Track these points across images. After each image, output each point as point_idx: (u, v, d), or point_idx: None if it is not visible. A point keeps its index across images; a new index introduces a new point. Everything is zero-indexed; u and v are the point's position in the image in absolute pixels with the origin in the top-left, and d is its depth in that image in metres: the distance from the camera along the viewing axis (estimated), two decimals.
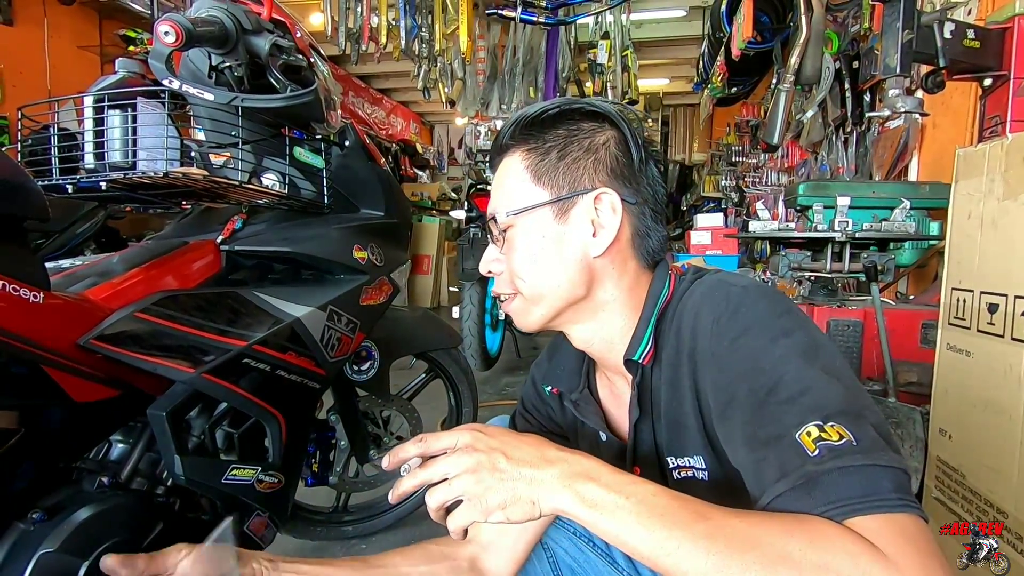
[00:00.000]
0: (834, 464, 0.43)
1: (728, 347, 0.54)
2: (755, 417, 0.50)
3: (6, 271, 0.63)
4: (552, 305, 0.64)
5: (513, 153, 0.64)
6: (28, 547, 0.66)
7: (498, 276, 0.67)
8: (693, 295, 0.62)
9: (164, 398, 0.82)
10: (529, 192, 0.63)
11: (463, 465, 0.50)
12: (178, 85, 0.76)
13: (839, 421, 0.45)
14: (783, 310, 0.55)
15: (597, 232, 0.62)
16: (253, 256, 1.01)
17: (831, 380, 0.49)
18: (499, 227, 0.64)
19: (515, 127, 0.64)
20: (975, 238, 1.10)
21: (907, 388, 1.56)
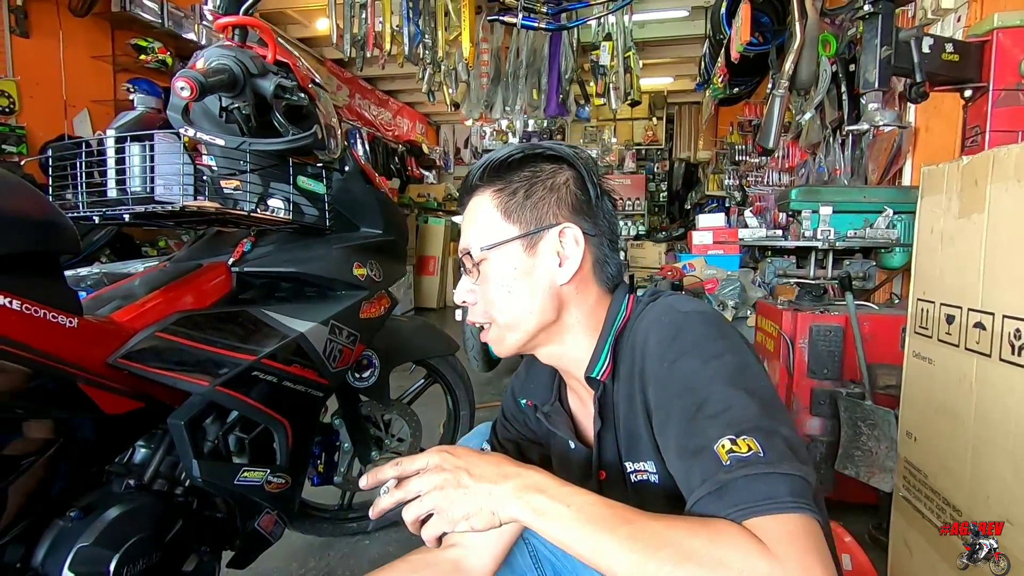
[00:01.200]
0: (741, 472, 0.52)
1: (668, 368, 0.62)
2: (685, 431, 0.58)
3: (45, 300, 0.73)
4: (526, 330, 0.71)
5: (482, 193, 0.71)
6: (67, 541, 0.75)
7: (472, 306, 0.73)
8: (646, 317, 0.69)
9: (182, 408, 0.91)
10: (500, 228, 0.69)
11: (432, 483, 0.58)
12: (193, 133, 0.85)
13: (751, 435, 0.53)
14: (717, 335, 0.63)
15: (563, 262, 0.69)
16: (261, 276, 1.10)
17: (751, 399, 0.57)
18: (473, 260, 0.71)
19: (483, 170, 0.71)
20: (936, 252, 1.17)
21: (885, 391, 1.62)
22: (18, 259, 0.71)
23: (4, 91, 3.75)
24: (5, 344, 0.66)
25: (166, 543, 0.86)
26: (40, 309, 0.71)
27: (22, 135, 3.85)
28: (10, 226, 0.69)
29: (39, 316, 0.71)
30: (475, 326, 0.76)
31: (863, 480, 1.54)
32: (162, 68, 4.57)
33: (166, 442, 0.97)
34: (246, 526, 1.04)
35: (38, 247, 0.73)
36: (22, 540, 0.75)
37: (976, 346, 1.01)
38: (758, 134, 3.34)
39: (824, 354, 1.71)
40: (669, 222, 9.01)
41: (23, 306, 0.69)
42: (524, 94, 5.51)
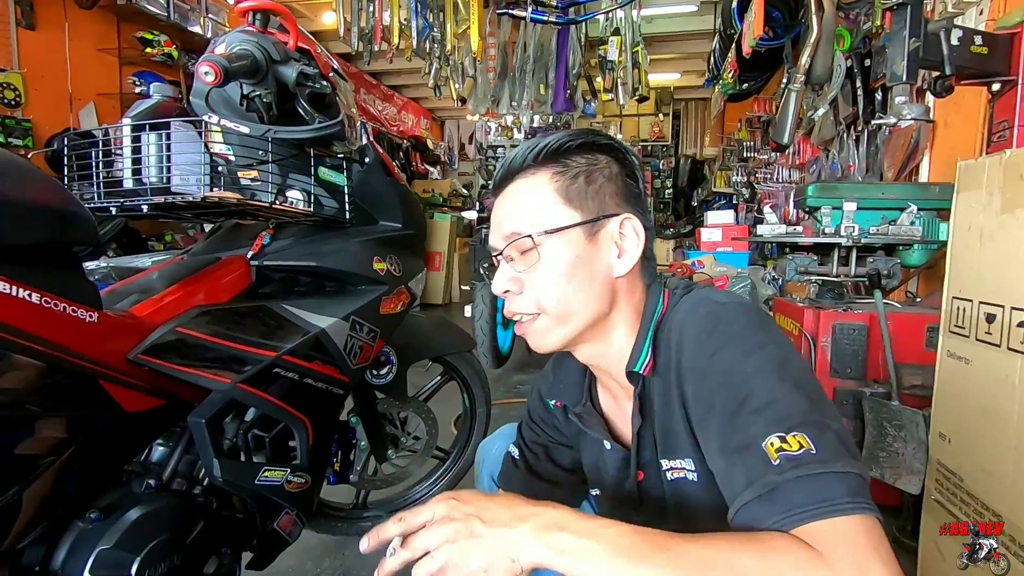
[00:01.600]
0: (793, 474, 0.48)
1: (707, 361, 0.59)
2: (727, 426, 0.55)
3: (65, 294, 0.70)
4: (580, 322, 0.67)
5: (535, 175, 0.67)
6: (87, 544, 0.73)
7: (515, 296, 0.68)
8: (681, 309, 0.67)
9: (203, 406, 0.88)
10: (560, 213, 0.66)
11: (442, 536, 0.51)
12: (217, 120, 0.82)
13: (801, 431, 0.50)
14: (758, 325, 0.60)
15: (622, 254, 0.67)
16: (281, 270, 1.07)
17: (797, 392, 0.54)
18: (523, 247, 0.66)
19: (537, 152, 0.67)
20: (975, 249, 1.13)
21: (911, 391, 1.59)
22: (37, 250, 0.68)
23: (10, 84, 3.72)
24: (25, 339, 0.63)
25: (187, 545, 0.83)
26: (60, 303, 0.68)
27: (28, 128, 3.83)
28: (30, 216, 0.66)
29: (59, 310, 0.68)
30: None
31: (888, 482, 1.50)
32: (168, 61, 4.54)
33: (184, 440, 0.94)
34: (265, 526, 1.02)
35: (57, 238, 0.70)
36: (42, 542, 0.72)
37: (1021, 346, 0.98)
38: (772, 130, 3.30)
39: (848, 353, 1.68)
40: (674, 219, 8.97)
41: (43, 299, 0.66)
42: (531, 89, 5.47)
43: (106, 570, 0.72)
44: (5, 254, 0.64)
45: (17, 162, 0.66)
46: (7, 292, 0.63)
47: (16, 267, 0.65)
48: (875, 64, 3.04)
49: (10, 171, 0.64)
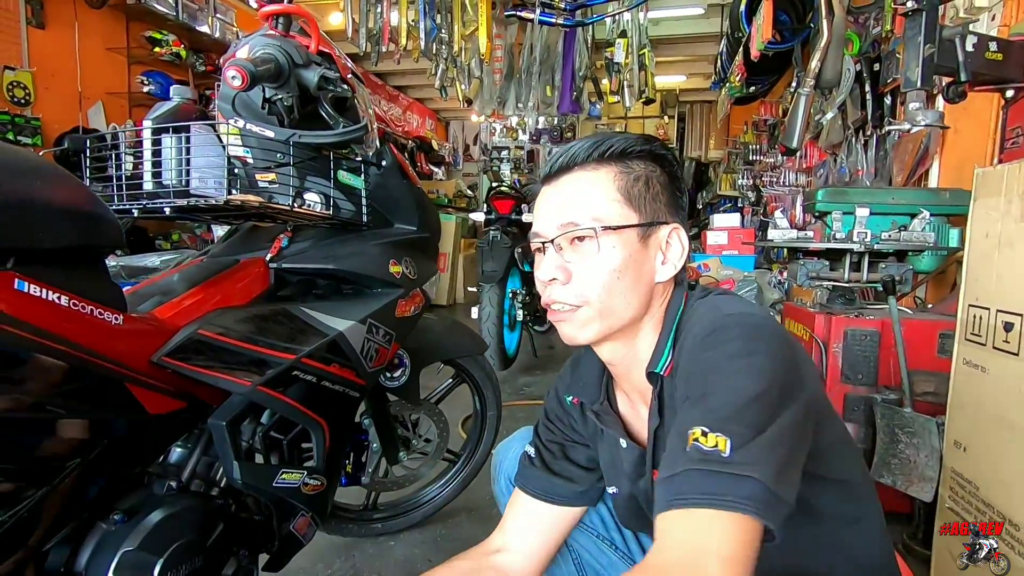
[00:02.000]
0: (694, 464, 0.52)
1: (700, 361, 0.61)
2: (684, 414, 0.58)
3: (91, 296, 0.70)
4: (620, 320, 0.68)
5: (598, 170, 0.68)
6: (112, 545, 0.73)
7: (560, 285, 0.68)
8: (695, 313, 0.69)
9: (222, 409, 0.88)
10: (622, 211, 0.67)
11: None
12: (243, 124, 0.82)
13: (726, 433, 0.52)
14: (752, 336, 0.60)
15: (666, 261, 0.69)
16: (299, 273, 1.07)
17: (756, 400, 0.55)
18: (578, 236, 0.67)
19: (603, 150, 0.68)
20: (992, 257, 1.13)
21: (923, 398, 1.58)
22: (65, 253, 0.68)
23: (20, 82, 3.74)
24: (55, 341, 0.64)
25: (208, 547, 0.83)
26: (87, 305, 0.69)
27: (37, 126, 3.84)
28: (58, 218, 0.66)
29: (86, 312, 0.68)
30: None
31: (900, 489, 1.50)
32: (176, 61, 4.55)
33: (202, 442, 0.95)
34: (282, 528, 1.02)
35: (85, 241, 0.71)
36: (66, 544, 0.73)
37: None
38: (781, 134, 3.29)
39: (859, 359, 1.67)
40: None
41: (71, 302, 0.67)
42: (537, 91, 5.47)
43: (130, 572, 0.73)
44: (35, 257, 0.64)
45: (45, 165, 0.66)
46: (37, 295, 0.63)
47: (45, 270, 0.65)
48: (884, 68, 3.04)
49: (39, 174, 0.65)
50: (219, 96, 0.82)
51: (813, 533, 0.66)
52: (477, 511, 1.76)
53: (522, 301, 3.40)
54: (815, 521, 0.66)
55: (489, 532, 1.70)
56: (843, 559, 0.68)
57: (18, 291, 0.61)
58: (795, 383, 0.59)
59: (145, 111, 4.65)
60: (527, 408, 2.82)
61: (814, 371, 0.67)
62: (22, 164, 0.63)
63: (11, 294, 0.61)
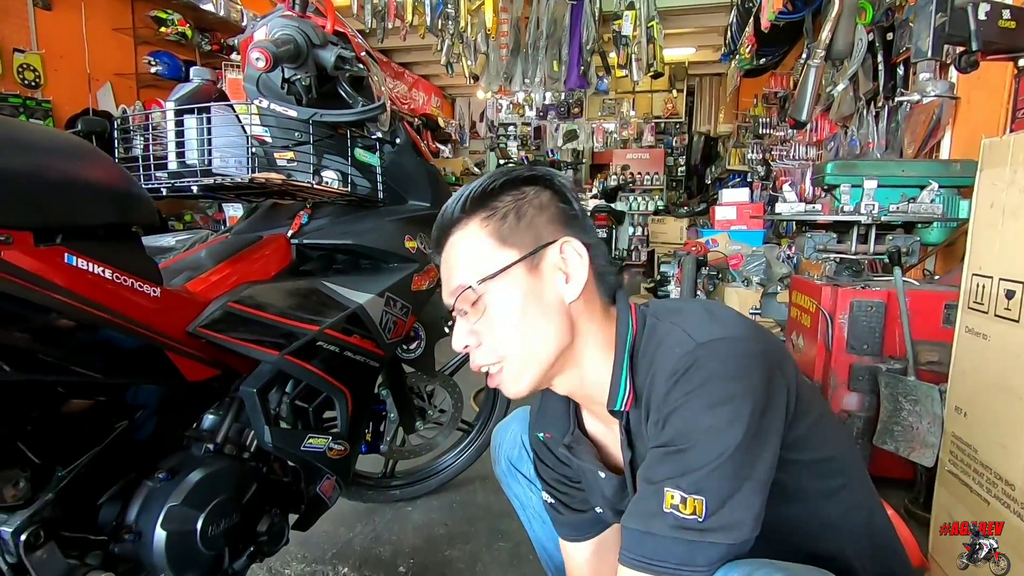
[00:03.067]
0: (666, 530, 0.56)
1: (676, 408, 0.59)
2: (660, 463, 0.59)
3: (131, 270, 0.74)
4: (545, 359, 0.66)
5: (467, 225, 0.66)
6: (158, 501, 0.79)
7: (476, 349, 0.67)
8: (657, 340, 0.65)
9: (253, 377, 0.93)
10: (498, 256, 0.64)
11: None
12: (266, 104, 0.85)
13: (707, 495, 0.56)
14: (727, 374, 0.59)
15: (569, 279, 0.66)
16: (319, 248, 1.11)
17: (730, 459, 0.56)
18: (470, 299, 0.65)
19: (463, 202, 0.66)
20: (996, 226, 1.15)
21: (927, 367, 1.62)
22: (106, 229, 0.73)
23: (30, 65, 3.76)
24: (101, 311, 0.68)
25: (243, 505, 0.89)
26: (128, 279, 0.73)
27: (48, 109, 3.87)
28: (100, 197, 0.70)
29: (128, 285, 0.73)
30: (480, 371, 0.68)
31: (903, 455, 1.54)
32: (182, 41, 4.54)
33: (234, 408, 1.00)
34: (309, 491, 1.08)
35: (123, 218, 0.75)
36: (116, 499, 0.79)
37: None
38: (790, 106, 3.26)
39: (865, 330, 1.70)
40: (687, 197, 8.91)
41: (114, 275, 0.71)
42: (544, 66, 5.42)
43: (175, 524, 0.78)
44: (80, 233, 0.69)
45: (87, 147, 0.70)
46: (85, 268, 0.67)
47: (90, 245, 0.69)
48: (898, 38, 2.99)
49: (82, 156, 0.69)
50: (245, 78, 0.85)
51: (793, 512, 0.66)
52: (491, 479, 1.81)
53: None
54: (795, 501, 0.66)
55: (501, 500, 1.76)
56: (825, 529, 0.68)
57: (68, 265, 0.66)
58: (772, 413, 0.59)
59: (153, 92, 4.63)
60: None
61: (790, 368, 0.64)
62: (67, 147, 0.67)
63: (62, 267, 0.65)
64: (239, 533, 0.90)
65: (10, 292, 0.61)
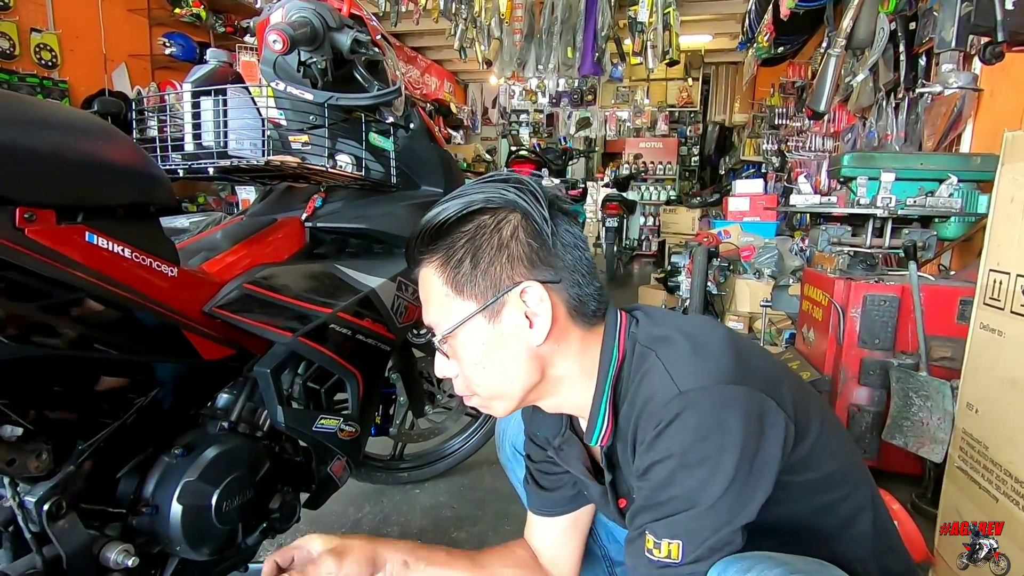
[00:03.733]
0: (645, 570, 0.61)
1: (649, 464, 0.60)
2: (640, 515, 0.62)
3: (150, 250, 0.76)
4: (513, 397, 0.67)
5: (428, 266, 0.65)
6: (175, 476, 0.81)
7: (454, 379, 0.68)
8: (642, 382, 0.63)
9: (267, 357, 0.95)
10: (455, 307, 0.63)
11: None
12: (283, 87, 0.85)
13: (680, 539, 0.59)
14: (711, 429, 0.58)
15: (533, 323, 0.63)
16: (333, 232, 1.12)
17: (711, 509, 0.58)
18: (438, 340, 0.66)
19: (423, 238, 0.64)
20: (1016, 222, 1.13)
21: (939, 363, 1.60)
22: (125, 209, 0.74)
23: (47, 44, 3.78)
24: (121, 289, 0.70)
25: (257, 482, 0.91)
26: (147, 258, 0.74)
27: (64, 89, 3.90)
28: (120, 177, 0.71)
29: (146, 264, 0.74)
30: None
31: (911, 450, 1.54)
32: (196, 22, 4.54)
33: (247, 388, 1.02)
34: (320, 471, 1.10)
35: (142, 199, 0.76)
36: (134, 473, 0.80)
37: None
38: (809, 96, 3.21)
39: (877, 324, 1.69)
40: (700, 187, 8.83)
41: (133, 254, 0.72)
42: (558, 52, 5.36)
43: (191, 499, 0.80)
44: (100, 213, 0.70)
45: (108, 127, 0.71)
46: (105, 247, 0.69)
47: (110, 224, 0.70)
48: (920, 28, 2.92)
49: (103, 136, 0.69)
50: (263, 60, 0.85)
51: (792, 531, 0.67)
52: (498, 463, 1.83)
53: None
54: (795, 520, 0.67)
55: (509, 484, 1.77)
56: (827, 541, 0.68)
57: (88, 243, 0.67)
58: (760, 460, 0.58)
59: (167, 73, 4.66)
60: None
61: (785, 393, 0.62)
62: (89, 126, 0.68)
63: (83, 245, 0.66)
64: (252, 509, 0.92)
65: (33, 269, 0.62)
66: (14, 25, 3.62)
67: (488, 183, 0.65)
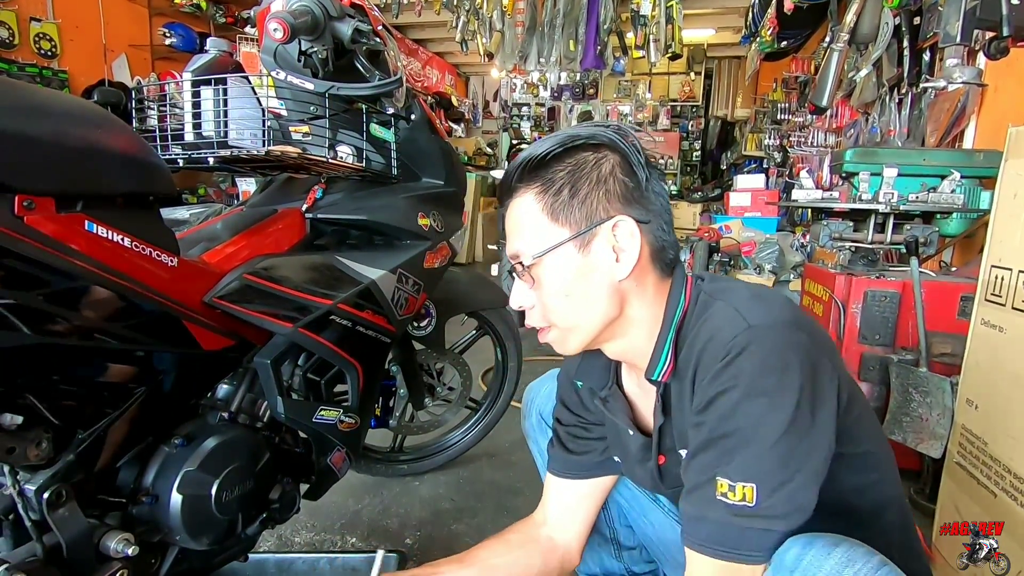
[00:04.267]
0: (722, 516, 0.58)
1: (714, 395, 0.61)
2: (702, 450, 0.61)
3: (149, 239, 0.75)
4: (589, 331, 0.69)
5: (524, 195, 0.67)
6: (175, 465, 0.81)
7: (529, 310, 0.70)
8: (711, 317, 0.65)
9: (267, 348, 0.95)
10: (549, 232, 0.66)
11: None
12: (284, 76, 0.85)
13: (753, 482, 0.57)
14: (775, 366, 0.59)
15: (619, 257, 0.66)
16: (333, 223, 1.12)
17: (775, 447, 0.57)
18: (524, 267, 0.68)
19: (523, 168, 0.67)
20: (1019, 217, 1.13)
21: (940, 359, 1.60)
22: (125, 198, 0.73)
23: (46, 34, 3.76)
24: (120, 278, 0.69)
25: (256, 472, 0.91)
26: (146, 247, 0.74)
27: (64, 79, 3.88)
28: (120, 166, 0.71)
29: (146, 254, 0.74)
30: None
31: (910, 446, 1.54)
32: (196, 12, 4.52)
33: (247, 379, 1.01)
34: (320, 462, 1.10)
35: (141, 188, 0.75)
36: (134, 463, 0.81)
37: None
38: (811, 91, 3.19)
39: (878, 320, 1.69)
40: (701, 182, 8.80)
41: (133, 243, 0.72)
42: (560, 45, 5.34)
43: (191, 488, 0.81)
44: (100, 201, 0.69)
45: (108, 115, 0.70)
46: (105, 236, 0.68)
47: (109, 213, 0.70)
48: (925, 23, 2.90)
49: (102, 124, 0.69)
50: (263, 49, 0.84)
51: (827, 507, 0.65)
52: (497, 456, 1.85)
53: None
54: (829, 495, 0.65)
55: (508, 477, 1.78)
56: (856, 527, 0.68)
57: (88, 232, 0.67)
58: (821, 405, 0.59)
59: (167, 64, 4.64)
60: (546, 363, 2.89)
61: (836, 358, 0.65)
62: (89, 115, 0.68)
63: (83, 234, 0.66)
64: (252, 500, 0.92)
65: (32, 257, 0.62)
66: (13, 14, 3.60)
67: (592, 126, 0.68)
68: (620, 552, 1.02)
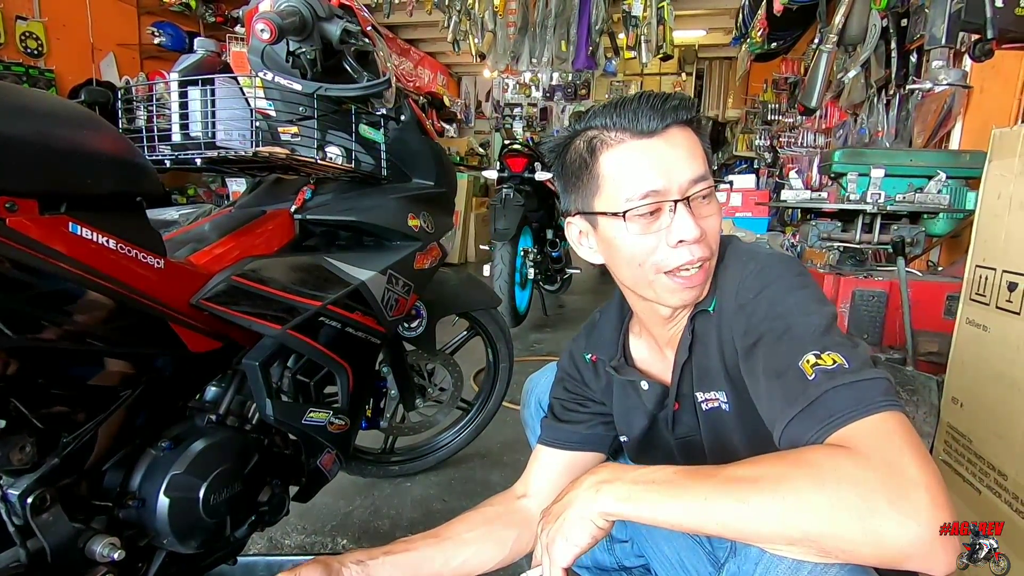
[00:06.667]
0: (829, 384, 0.55)
1: (753, 299, 0.67)
2: (773, 352, 0.61)
3: (135, 241, 0.75)
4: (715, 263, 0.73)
5: (690, 131, 0.71)
6: (162, 469, 0.80)
7: (700, 242, 0.68)
8: (728, 257, 0.73)
9: (255, 350, 0.94)
10: (708, 169, 0.72)
11: (544, 539, 0.62)
12: (271, 77, 0.84)
13: (834, 350, 0.57)
14: (797, 271, 0.68)
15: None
16: (322, 224, 1.11)
17: (831, 323, 0.62)
18: (707, 192, 0.69)
19: (690, 108, 0.71)
20: (1003, 218, 1.14)
21: (926, 357, 1.62)
22: (110, 200, 0.73)
23: (32, 33, 3.72)
24: (105, 281, 0.69)
25: (245, 475, 0.91)
26: (132, 249, 0.73)
27: (51, 79, 3.84)
28: (105, 166, 0.70)
29: (132, 256, 0.73)
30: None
31: None
32: (186, 11, 4.49)
33: (236, 381, 1.01)
34: (309, 463, 1.10)
35: (127, 188, 0.75)
36: (121, 466, 0.80)
37: None
38: (800, 92, 3.22)
39: (865, 319, 1.70)
40: None
41: (118, 245, 0.71)
42: (552, 45, 5.34)
43: (178, 492, 0.80)
44: (84, 203, 0.69)
45: (92, 116, 0.70)
46: (89, 238, 0.68)
47: (94, 215, 0.69)
48: (912, 24, 2.93)
49: (87, 124, 0.68)
50: (250, 49, 0.84)
51: None
52: (489, 457, 1.85)
53: (533, 259, 3.44)
54: None
55: (500, 477, 1.78)
56: None
57: (72, 234, 0.66)
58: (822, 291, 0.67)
59: (156, 63, 4.59)
60: (538, 363, 2.89)
61: None
62: (73, 115, 0.67)
63: (66, 236, 0.65)
64: (241, 502, 0.91)
65: (14, 259, 0.61)
66: None
67: None
68: (612, 545, 1.02)
